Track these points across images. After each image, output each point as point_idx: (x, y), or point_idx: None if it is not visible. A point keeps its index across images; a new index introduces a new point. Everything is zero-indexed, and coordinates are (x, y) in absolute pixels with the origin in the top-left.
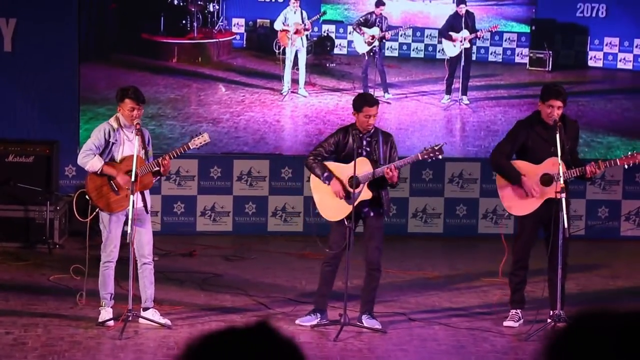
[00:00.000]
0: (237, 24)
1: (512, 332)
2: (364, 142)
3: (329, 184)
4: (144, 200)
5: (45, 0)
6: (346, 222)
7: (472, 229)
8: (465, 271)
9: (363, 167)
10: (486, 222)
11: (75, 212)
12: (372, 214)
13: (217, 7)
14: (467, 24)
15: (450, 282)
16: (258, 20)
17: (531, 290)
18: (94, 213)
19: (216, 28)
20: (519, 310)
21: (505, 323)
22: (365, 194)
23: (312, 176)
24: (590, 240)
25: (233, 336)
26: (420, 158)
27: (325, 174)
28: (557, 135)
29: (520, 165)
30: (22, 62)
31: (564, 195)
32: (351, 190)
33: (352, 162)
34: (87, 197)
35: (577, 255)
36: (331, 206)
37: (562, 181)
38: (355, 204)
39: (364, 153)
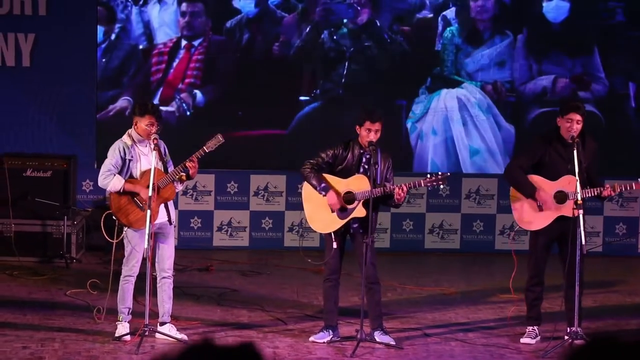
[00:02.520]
0: None
1: (529, 349)
2: (363, 160)
3: (325, 195)
4: (167, 212)
5: (63, 15)
6: (334, 244)
7: (489, 245)
8: (482, 287)
9: (361, 184)
10: (503, 239)
11: (105, 235)
12: (361, 230)
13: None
14: None
15: (467, 298)
16: None
17: (548, 306)
18: (122, 235)
19: None
20: (535, 327)
21: (522, 340)
22: (359, 211)
23: (305, 185)
24: (607, 257)
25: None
26: (422, 185)
27: (323, 185)
28: (575, 153)
29: (536, 180)
30: (40, 77)
31: (581, 211)
32: (346, 206)
33: (350, 178)
34: (113, 217)
35: (595, 272)
36: (321, 218)
37: (579, 197)
38: (348, 219)
39: (362, 170)
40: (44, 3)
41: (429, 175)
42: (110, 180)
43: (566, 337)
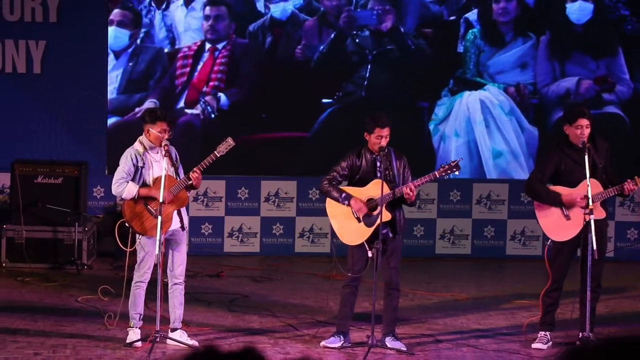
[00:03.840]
0: None
1: (540, 354)
2: (377, 164)
3: (348, 204)
4: (180, 219)
5: (74, 22)
6: (369, 252)
7: (500, 250)
8: (493, 293)
9: (379, 188)
10: (514, 244)
11: (120, 244)
12: (390, 235)
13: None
14: None
15: (478, 304)
16: None
17: (560, 312)
18: (136, 243)
19: None
20: (547, 333)
21: (534, 345)
22: (385, 215)
23: (328, 202)
24: (619, 262)
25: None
26: (437, 176)
27: (343, 195)
28: (586, 157)
29: (557, 189)
30: (51, 84)
31: (592, 216)
32: (371, 213)
33: (368, 185)
34: (126, 225)
35: (606, 277)
36: (351, 231)
37: (591, 202)
38: (376, 225)
39: (378, 175)
40: (54, 10)
41: (441, 167)
42: (124, 188)
43: (578, 343)
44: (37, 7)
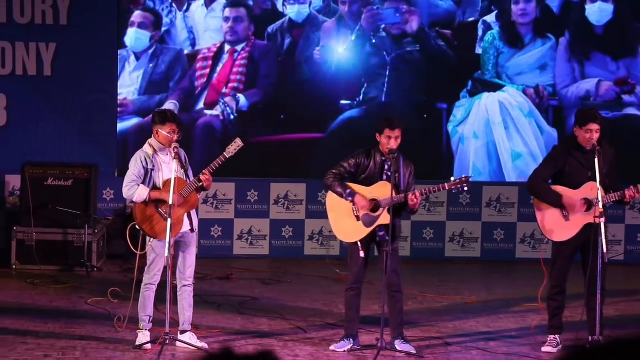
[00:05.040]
0: None
1: (550, 357)
2: (386, 167)
3: (351, 201)
4: (190, 221)
5: (84, 24)
6: (361, 252)
7: (510, 253)
8: (503, 296)
9: (385, 191)
10: (524, 247)
11: (131, 246)
12: (387, 238)
13: None
14: None
15: (488, 307)
16: None
17: (570, 315)
18: (147, 247)
19: None
20: (557, 336)
21: (544, 349)
22: (385, 218)
23: (329, 195)
24: (629, 266)
25: None
26: (447, 188)
27: (348, 191)
28: (596, 160)
29: (559, 190)
30: (62, 86)
31: (603, 219)
32: (372, 214)
33: (373, 186)
34: (137, 227)
35: (616, 281)
36: (347, 228)
37: (601, 205)
38: (374, 227)
39: (385, 177)
40: (65, 12)
41: (452, 179)
42: (135, 191)
43: (587, 346)
44: (47, 10)
